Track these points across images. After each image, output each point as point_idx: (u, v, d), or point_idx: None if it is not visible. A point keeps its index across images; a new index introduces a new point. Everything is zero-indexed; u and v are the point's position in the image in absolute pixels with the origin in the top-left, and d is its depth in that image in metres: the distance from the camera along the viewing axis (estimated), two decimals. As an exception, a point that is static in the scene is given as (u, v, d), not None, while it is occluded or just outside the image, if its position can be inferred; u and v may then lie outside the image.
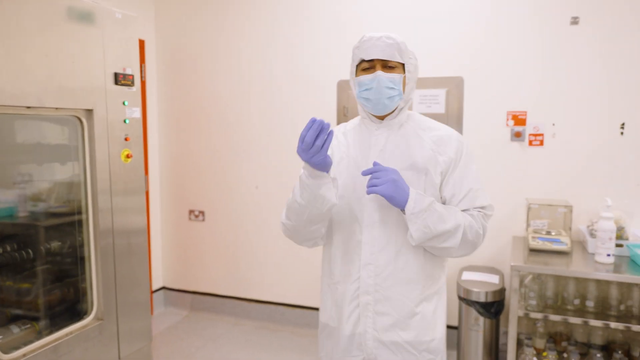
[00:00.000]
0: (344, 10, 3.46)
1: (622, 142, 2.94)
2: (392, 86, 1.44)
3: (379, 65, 1.45)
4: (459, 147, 1.52)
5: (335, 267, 1.56)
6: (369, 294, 1.49)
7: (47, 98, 1.90)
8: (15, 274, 2.19)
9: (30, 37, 1.83)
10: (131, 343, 2.35)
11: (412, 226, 1.39)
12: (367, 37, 1.47)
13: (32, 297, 2.23)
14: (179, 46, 3.95)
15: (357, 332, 1.52)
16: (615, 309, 2.67)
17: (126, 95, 2.25)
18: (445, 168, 1.49)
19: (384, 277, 1.48)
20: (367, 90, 1.46)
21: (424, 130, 1.54)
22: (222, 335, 3.72)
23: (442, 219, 1.41)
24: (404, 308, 1.48)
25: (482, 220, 1.51)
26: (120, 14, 2.21)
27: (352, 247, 1.52)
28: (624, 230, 2.73)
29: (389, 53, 1.44)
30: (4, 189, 2.14)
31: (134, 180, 2.33)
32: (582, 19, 2.95)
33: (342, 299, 1.54)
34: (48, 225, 2.29)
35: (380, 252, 1.48)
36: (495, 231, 3.23)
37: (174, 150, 4.06)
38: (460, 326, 3.02)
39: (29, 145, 2.15)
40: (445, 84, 3.26)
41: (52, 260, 2.29)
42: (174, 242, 4.15)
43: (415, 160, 1.48)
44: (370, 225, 1.49)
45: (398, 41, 1.45)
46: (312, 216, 1.43)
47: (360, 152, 1.54)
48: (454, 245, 1.43)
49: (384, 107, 1.48)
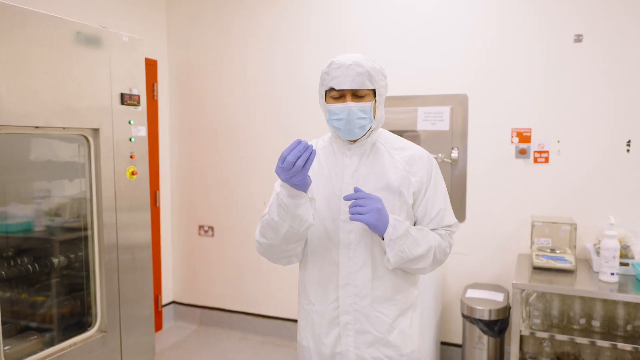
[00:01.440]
0: (344, 29, 3.52)
1: (628, 159, 2.91)
2: (363, 116, 1.45)
3: (349, 94, 1.45)
4: (429, 167, 1.55)
5: (311, 288, 1.58)
6: (349, 314, 1.51)
7: (54, 118, 1.99)
8: (24, 287, 2.27)
9: (39, 61, 1.93)
10: (134, 356, 2.40)
11: (390, 252, 1.43)
12: (337, 64, 1.45)
13: (40, 309, 2.31)
14: (189, 66, 4.06)
15: (337, 352, 1.54)
16: (622, 329, 2.63)
17: (132, 114, 2.34)
18: (418, 188, 1.53)
19: (362, 296, 1.50)
20: (338, 120, 1.46)
21: (395, 150, 1.57)
22: (228, 349, 3.75)
23: (417, 243, 1.46)
24: (383, 325, 1.51)
25: (449, 238, 1.57)
26: (127, 37, 2.31)
27: (328, 267, 1.53)
28: (630, 249, 2.69)
29: (359, 82, 1.43)
30: (15, 204, 2.23)
31: (139, 196, 2.41)
32: (586, 36, 2.95)
33: (320, 319, 1.55)
34: (56, 240, 2.37)
35: (358, 273, 1.50)
36: (501, 249, 3.22)
37: (185, 166, 4.15)
38: (464, 344, 3.00)
39: (39, 163, 2.24)
40: (450, 102, 3.28)
41: (60, 274, 2.36)
42: (184, 257, 4.22)
43: (389, 181, 1.51)
44: (346, 246, 1.50)
45: (368, 68, 1.44)
46: (289, 235, 1.44)
47: (334, 172, 1.55)
48: (426, 266, 1.50)
49: (355, 135, 1.49)
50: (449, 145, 3.29)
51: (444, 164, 3.28)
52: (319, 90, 1.55)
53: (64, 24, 2.02)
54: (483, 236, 3.25)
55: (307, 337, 1.61)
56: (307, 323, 1.61)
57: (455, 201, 3.29)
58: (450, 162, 3.27)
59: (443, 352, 3.37)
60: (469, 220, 3.28)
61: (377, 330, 1.51)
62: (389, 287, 1.52)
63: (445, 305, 3.37)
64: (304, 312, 1.62)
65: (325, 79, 1.49)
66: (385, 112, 1.61)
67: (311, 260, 1.57)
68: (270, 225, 1.45)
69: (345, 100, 1.46)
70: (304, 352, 1.64)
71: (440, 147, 3.30)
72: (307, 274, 1.59)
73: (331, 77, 1.46)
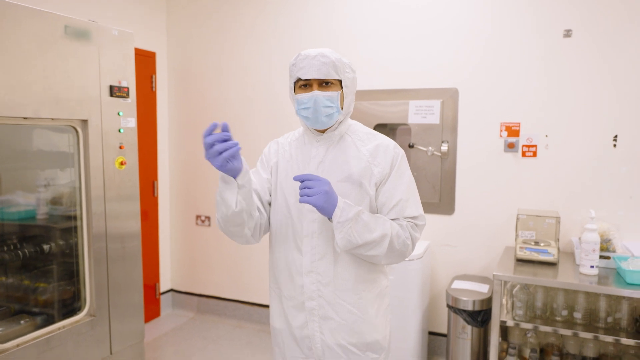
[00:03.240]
0: (340, 27, 3.56)
1: (614, 154, 2.93)
2: (329, 104, 1.49)
3: (316, 84, 1.49)
4: (394, 157, 1.57)
5: (279, 274, 1.63)
6: (313, 300, 1.56)
7: (43, 109, 2.06)
8: (17, 273, 2.37)
9: (28, 54, 2.00)
10: (123, 341, 2.48)
11: (338, 234, 1.45)
12: (303, 55, 1.50)
13: (33, 294, 2.41)
14: (188, 58, 4.12)
15: (305, 335, 1.60)
16: (603, 321, 2.66)
17: (121, 106, 2.41)
18: (380, 179, 1.55)
19: (325, 283, 1.54)
20: (305, 109, 1.51)
21: (362, 142, 1.60)
22: (223, 336, 3.84)
23: (368, 228, 1.46)
24: (346, 312, 1.55)
25: (411, 230, 1.55)
26: (117, 31, 2.38)
27: (293, 255, 1.58)
28: (611, 242, 2.72)
29: (324, 72, 1.47)
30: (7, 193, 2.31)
31: (129, 186, 2.48)
32: (575, 31, 2.96)
33: (289, 303, 1.61)
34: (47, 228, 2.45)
35: (320, 261, 1.54)
36: (489, 241, 3.25)
37: (183, 157, 4.23)
38: (449, 334, 3.05)
39: (30, 153, 2.33)
40: (441, 95, 3.31)
41: (52, 261, 2.45)
42: (182, 246, 4.31)
43: (351, 172, 1.54)
44: (309, 235, 1.55)
45: (333, 59, 1.48)
46: (224, 216, 1.48)
47: (302, 164, 1.60)
48: (379, 254, 1.49)
49: (322, 124, 1.53)
50: (439, 139, 3.32)
51: (434, 157, 3.32)
52: (289, 84, 1.59)
53: (53, 18, 2.09)
54: (472, 229, 3.29)
55: (279, 320, 1.66)
56: (277, 306, 1.67)
57: (444, 194, 3.33)
58: (440, 155, 3.30)
59: (431, 341, 3.43)
60: (458, 213, 3.32)
61: (340, 318, 1.55)
62: (351, 275, 1.55)
63: (433, 296, 3.42)
64: (274, 296, 1.68)
65: (292, 71, 1.54)
66: (376, 105, 1.64)
67: (277, 247, 1.63)
68: (216, 202, 1.51)
69: (311, 90, 1.50)
70: (276, 334, 1.69)
71: (430, 140, 3.33)
72: (275, 260, 1.65)
73: (298, 68, 1.50)
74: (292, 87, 1.57)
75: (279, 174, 1.63)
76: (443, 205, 3.33)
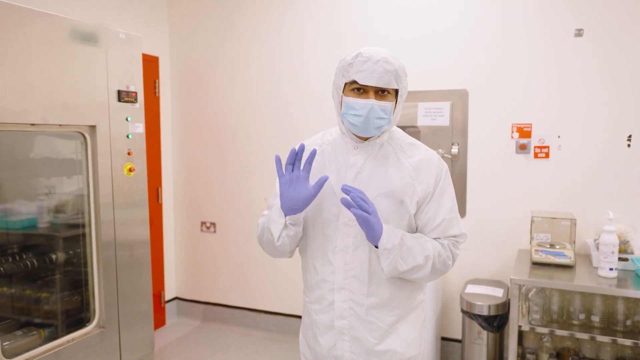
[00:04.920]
0: (347, 27, 3.52)
1: (629, 154, 2.89)
2: (383, 116, 1.38)
3: (372, 91, 1.37)
4: (438, 174, 1.48)
5: (310, 288, 1.56)
6: (344, 319, 1.47)
7: (50, 115, 2.00)
8: (24, 283, 2.30)
9: (35, 58, 1.95)
10: (133, 352, 2.42)
11: (384, 261, 1.38)
12: (365, 57, 1.35)
13: (40, 305, 2.34)
14: (191, 62, 4.07)
15: (333, 355, 1.51)
16: (621, 324, 2.61)
17: (129, 111, 2.35)
18: (423, 197, 1.45)
19: (357, 301, 1.46)
20: (356, 116, 1.38)
21: (404, 153, 1.49)
22: (230, 345, 3.77)
23: (413, 253, 1.40)
24: (379, 331, 1.47)
25: (452, 248, 1.48)
26: (124, 34, 2.32)
27: (325, 270, 1.49)
28: (629, 244, 2.67)
29: (385, 80, 1.35)
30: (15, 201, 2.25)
31: (137, 193, 2.42)
32: (587, 30, 2.93)
33: (317, 320, 1.53)
34: (55, 237, 2.39)
35: (354, 278, 1.46)
36: (501, 244, 3.21)
37: (187, 163, 4.17)
38: (463, 340, 3.00)
39: (37, 160, 2.27)
40: (450, 97, 3.27)
41: (59, 271, 2.39)
42: (187, 253, 4.25)
43: (392, 187, 1.44)
44: (343, 250, 1.46)
45: (396, 67, 1.37)
46: (268, 241, 1.52)
47: (337, 173, 1.48)
48: (423, 277, 1.44)
49: (370, 134, 1.43)
50: (449, 141, 3.27)
51: (445, 159, 3.27)
52: (336, 81, 1.45)
53: (59, 21, 2.03)
54: (484, 232, 3.24)
55: (308, 334, 1.59)
56: (308, 320, 1.59)
57: (456, 197, 3.27)
58: (450, 157, 3.26)
59: (443, 347, 3.37)
60: (469, 216, 3.27)
61: (372, 336, 1.47)
62: (386, 293, 1.46)
63: (446, 300, 3.36)
64: (306, 309, 1.60)
65: (348, 71, 1.38)
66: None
67: (310, 259, 1.54)
68: (263, 225, 1.55)
69: (367, 97, 1.37)
70: (305, 347, 1.63)
71: (440, 142, 3.29)
72: (307, 273, 1.57)
73: (356, 70, 1.36)
74: (342, 87, 1.42)
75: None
76: (454, 209, 3.27)
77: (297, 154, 1.39)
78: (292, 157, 1.40)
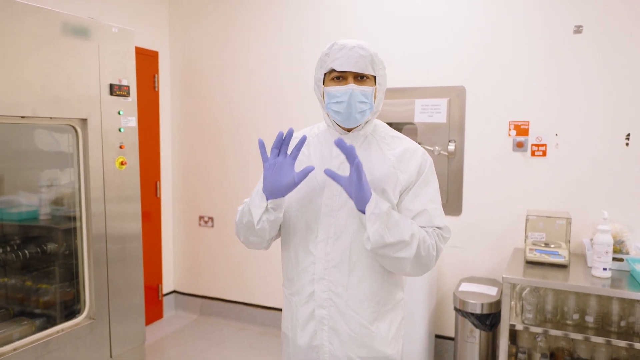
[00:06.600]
0: (346, 24, 3.50)
1: (627, 152, 2.85)
2: (364, 100, 1.39)
3: (351, 77, 1.39)
4: (422, 164, 1.48)
5: (290, 279, 1.56)
6: (324, 309, 1.47)
7: (41, 108, 2.01)
8: (17, 274, 2.33)
9: (26, 51, 1.96)
10: (123, 344, 2.43)
11: (371, 227, 1.32)
12: (339, 45, 1.40)
13: (33, 296, 2.36)
14: (190, 57, 4.08)
15: (313, 345, 1.51)
16: (616, 325, 2.58)
17: (122, 105, 2.36)
18: (405, 186, 1.45)
19: (337, 293, 1.46)
20: (338, 103, 1.40)
21: (387, 145, 1.51)
22: (227, 339, 3.79)
23: (399, 226, 1.35)
24: (357, 325, 1.46)
25: (437, 239, 1.44)
26: (117, 28, 2.33)
27: (306, 260, 1.49)
28: (625, 244, 2.64)
29: (362, 65, 1.37)
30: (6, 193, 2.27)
31: (129, 187, 2.43)
32: (586, 27, 2.89)
33: (297, 310, 1.53)
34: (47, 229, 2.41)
35: (334, 268, 1.45)
36: (497, 242, 3.18)
37: (186, 158, 4.18)
38: (456, 338, 2.98)
39: (29, 153, 2.28)
40: (447, 94, 3.24)
41: (52, 263, 2.41)
42: (185, 247, 4.27)
43: (374, 176, 1.44)
44: (324, 240, 1.46)
45: (371, 52, 1.40)
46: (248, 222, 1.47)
47: (321, 164, 1.49)
48: (408, 257, 1.36)
49: (354, 121, 1.43)
50: (446, 138, 3.25)
51: (441, 156, 3.25)
52: (316, 74, 1.48)
53: (51, 15, 2.04)
54: (479, 230, 3.22)
55: (288, 327, 1.60)
56: (288, 312, 1.60)
57: (451, 194, 3.26)
58: (447, 155, 3.24)
59: (437, 345, 3.36)
60: (465, 214, 3.25)
61: (351, 330, 1.47)
62: (366, 287, 1.46)
63: (440, 298, 3.35)
64: (286, 301, 1.61)
65: (325, 61, 1.42)
66: (382, 104, 1.56)
67: (292, 250, 1.54)
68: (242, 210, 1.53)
69: (347, 83, 1.39)
70: (286, 340, 1.63)
71: (437, 139, 3.27)
72: (287, 264, 1.57)
73: (332, 59, 1.39)
74: (321, 78, 1.45)
75: None
76: (450, 206, 3.26)
77: (285, 139, 1.37)
78: (279, 141, 1.38)
